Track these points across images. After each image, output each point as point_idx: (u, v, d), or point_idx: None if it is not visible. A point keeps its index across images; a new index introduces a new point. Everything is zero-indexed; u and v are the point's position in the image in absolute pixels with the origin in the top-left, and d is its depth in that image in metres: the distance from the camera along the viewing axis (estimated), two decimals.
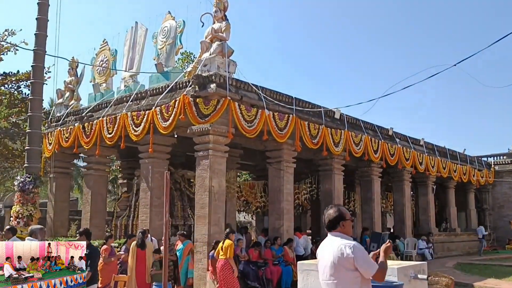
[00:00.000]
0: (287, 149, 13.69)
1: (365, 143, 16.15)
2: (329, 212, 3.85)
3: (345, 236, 3.72)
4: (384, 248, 3.80)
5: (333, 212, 3.82)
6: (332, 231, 3.80)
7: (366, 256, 3.60)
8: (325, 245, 3.81)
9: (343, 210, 3.83)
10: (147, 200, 12.96)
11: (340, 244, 3.61)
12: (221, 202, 11.65)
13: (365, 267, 3.54)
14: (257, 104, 12.56)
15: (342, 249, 3.56)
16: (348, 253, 3.53)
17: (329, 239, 3.80)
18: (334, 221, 3.77)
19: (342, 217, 3.77)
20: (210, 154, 11.55)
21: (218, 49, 12.03)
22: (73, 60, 17.00)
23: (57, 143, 15.52)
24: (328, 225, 3.81)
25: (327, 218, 3.82)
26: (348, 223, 3.78)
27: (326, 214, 3.85)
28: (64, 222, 16.20)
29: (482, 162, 26.70)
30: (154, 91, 13.08)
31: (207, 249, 11.13)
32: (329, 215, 3.82)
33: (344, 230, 3.75)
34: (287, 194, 13.57)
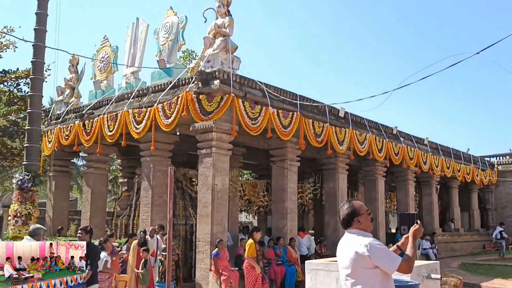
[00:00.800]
0: (291, 148, 13.47)
1: (370, 141, 15.92)
2: (342, 208, 3.58)
3: (362, 232, 3.47)
4: (413, 230, 3.49)
5: (346, 208, 3.54)
6: (348, 228, 3.54)
7: (385, 252, 3.33)
8: (342, 243, 3.57)
9: (357, 204, 3.56)
10: (148, 199, 12.72)
11: (356, 243, 3.37)
12: (224, 201, 11.42)
13: (385, 264, 3.29)
14: (261, 101, 12.32)
15: (357, 248, 3.33)
16: (363, 252, 3.29)
17: (346, 237, 3.56)
18: (348, 218, 3.51)
19: (357, 213, 3.50)
20: (213, 152, 11.32)
21: (221, 45, 11.79)
22: (73, 57, 16.77)
23: (56, 141, 15.29)
24: (343, 222, 3.56)
25: (341, 215, 3.57)
26: (364, 217, 3.51)
27: (340, 211, 3.60)
28: (64, 221, 15.94)
29: (486, 162, 26.49)
30: (156, 87, 12.84)
31: (210, 249, 10.89)
32: (343, 212, 3.55)
33: (361, 226, 3.49)
34: (291, 193, 13.34)
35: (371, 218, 3.59)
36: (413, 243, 3.44)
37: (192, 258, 13.27)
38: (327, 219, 15.44)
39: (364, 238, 3.38)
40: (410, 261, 3.32)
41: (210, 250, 10.85)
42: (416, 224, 3.54)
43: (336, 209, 15.29)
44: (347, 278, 3.39)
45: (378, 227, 17.02)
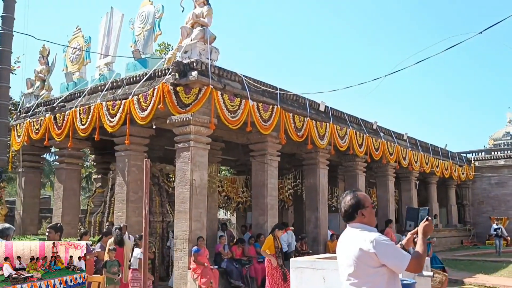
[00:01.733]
0: (271, 142, 13.11)
1: (350, 136, 15.68)
2: (344, 199, 3.19)
3: (366, 227, 3.08)
4: (423, 227, 3.10)
5: (349, 199, 3.15)
6: (350, 222, 3.15)
7: (392, 249, 2.95)
8: (344, 239, 3.19)
9: (362, 195, 3.17)
10: (123, 195, 12.20)
11: (360, 238, 2.99)
12: (202, 196, 10.99)
13: (393, 262, 2.92)
14: (240, 93, 11.93)
15: (361, 244, 2.95)
16: (368, 248, 2.91)
17: (348, 232, 3.17)
18: (351, 210, 3.12)
19: (361, 205, 3.12)
20: (191, 146, 10.87)
21: (199, 35, 11.34)
22: (44, 47, 16.09)
23: (26, 135, 14.59)
24: (345, 215, 3.16)
25: (343, 207, 3.18)
26: (369, 210, 3.13)
27: (342, 202, 3.21)
28: (34, 219, 15.27)
29: (463, 158, 26.65)
30: (131, 79, 12.32)
31: (188, 247, 10.46)
32: (345, 204, 3.17)
33: (365, 220, 3.11)
34: (272, 189, 12.99)
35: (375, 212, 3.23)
36: (423, 240, 3.07)
37: (169, 256, 12.85)
38: (308, 215, 15.15)
39: (369, 233, 3.01)
40: (420, 259, 2.97)
41: (188, 248, 10.42)
42: (427, 219, 3.16)
43: (317, 205, 15.09)
44: (349, 278, 3.01)
45: None
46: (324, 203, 15.20)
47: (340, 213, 3.23)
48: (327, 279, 5.84)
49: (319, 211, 14.78)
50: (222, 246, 11.49)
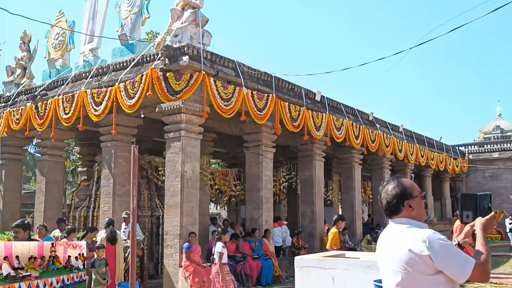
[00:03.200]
0: (266, 132, 12.49)
1: (347, 127, 15.10)
2: (385, 189, 2.53)
3: (415, 222, 2.43)
4: (483, 223, 2.44)
5: (392, 188, 2.49)
6: (394, 217, 2.49)
7: (452, 250, 2.29)
8: (386, 238, 2.52)
9: (408, 183, 2.51)
10: (109, 188, 11.49)
11: (408, 237, 2.33)
12: (194, 189, 10.34)
13: (453, 268, 2.25)
14: (234, 81, 11.27)
15: (411, 245, 2.29)
16: (421, 250, 2.26)
17: (392, 229, 2.50)
18: (396, 202, 2.45)
19: (408, 194, 2.46)
20: (182, 136, 10.20)
21: (191, 17, 10.64)
22: (25, 33, 15.27)
23: (6, 125, 13.77)
24: (388, 208, 2.50)
25: (384, 198, 2.52)
26: (418, 201, 2.47)
27: (382, 192, 2.54)
28: (15, 214, 14.45)
29: (457, 151, 26.27)
30: (117, 65, 11.59)
31: (179, 243, 9.81)
32: (387, 194, 2.51)
33: (413, 214, 2.44)
34: (266, 182, 12.37)
35: (424, 203, 2.57)
36: (484, 239, 2.39)
37: (158, 253, 12.20)
38: (303, 209, 14.56)
39: (420, 230, 2.35)
40: (486, 265, 2.29)
41: (179, 244, 9.77)
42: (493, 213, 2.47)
43: (312, 199, 14.51)
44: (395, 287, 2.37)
45: (354, 217, 16.30)
46: (320, 196, 14.63)
47: (381, 205, 2.56)
48: (337, 279, 5.25)
49: (315, 205, 14.19)
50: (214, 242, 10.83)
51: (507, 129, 38.64)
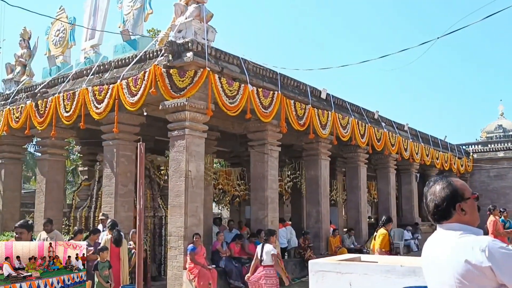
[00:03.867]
0: (271, 131, 12.20)
1: (352, 126, 14.81)
2: (432, 190, 2.19)
3: (469, 228, 2.10)
4: None
5: (441, 189, 2.16)
6: (443, 222, 2.16)
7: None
8: (435, 246, 2.19)
9: (459, 184, 2.18)
10: (111, 188, 11.21)
11: (464, 246, 2.01)
12: (199, 189, 10.06)
13: None
14: (239, 77, 10.99)
15: (468, 255, 1.96)
16: (480, 261, 1.93)
17: (441, 236, 2.17)
18: (446, 205, 2.13)
19: (460, 196, 2.13)
20: (186, 134, 9.91)
21: (195, 12, 10.35)
22: (24, 30, 14.99)
23: (6, 124, 13.50)
24: (436, 213, 2.17)
25: (432, 201, 2.17)
26: (470, 204, 2.14)
27: (429, 194, 2.19)
28: (15, 214, 14.21)
29: (461, 150, 25.97)
30: (119, 62, 11.31)
31: (184, 244, 9.53)
32: (435, 195, 2.17)
33: (466, 219, 2.12)
34: (272, 181, 12.08)
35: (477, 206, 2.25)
36: None
37: (161, 254, 11.93)
38: (309, 209, 14.28)
39: (476, 237, 2.03)
40: None
41: (184, 246, 9.49)
42: None
43: (318, 199, 14.23)
44: None
45: (360, 217, 16.03)
46: (326, 196, 14.35)
47: (427, 210, 2.23)
48: (355, 284, 4.96)
49: (320, 205, 13.91)
50: (220, 244, 10.58)
51: (510, 128, 38.42)
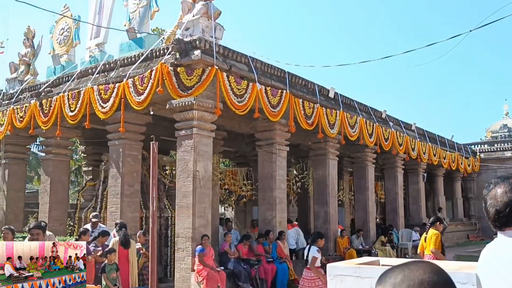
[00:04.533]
0: (279, 130, 12.01)
1: (360, 125, 14.61)
2: (493, 194, 1.86)
3: None
4: None
5: (502, 193, 1.82)
6: (505, 230, 1.84)
7: None
8: (499, 256, 1.87)
9: None
10: (117, 188, 11.03)
11: None
12: (207, 190, 9.86)
13: None
14: (247, 76, 10.80)
15: None
16: None
17: (504, 244, 1.86)
18: (509, 211, 1.79)
19: None
20: (194, 133, 9.72)
21: (202, 9, 10.16)
22: (29, 29, 14.82)
23: (10, 123, 13.32)
24: (496, 220, 1.84)
25: (492, 206, 1.85)
26: None
27: (489, 199, 1.88)
28: (19, 214, 14.05)
29: (468, 150, 25.72)
30: (125, 60, 11.13)
31: (191, 246, 9.34)
32: (496, 201, 1.84)
33: None
34: (280, 181, 11.88)
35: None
36: None
37: (167, 256, 11.72)
38: (316, 209, 14.07)
39: None
40: None
41: (191, 247, 9.30)
42: None
43: (326, 199, 14.02)
44: None
45: (368, 218, 15.83)
46: (334, 196, 14.16)
47: (487, 215, 1.97)
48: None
49: (328, 205, 13.71)
50: (228, 245, 10.39)
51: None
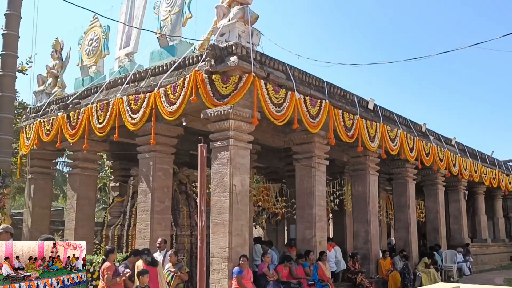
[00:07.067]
0: (318, 143, 11.27)
1: (401, 139, 13.75)
2: None
3: None
4: None
5: None
6: None
7: None
8: None
9: None
10: (147, 204, 10.37)
11: None
12: (244, 206, 9.12)
13: None
14: (285, 84, 10.12)
15: None
16: None
17: None
18: None
19: None
20: (231, 144, 9.04)
21: (238, 14, 9.53)
22: (57, 41, 14.49)
23: (36, 137, 12.90)
24: None
25: None
26: None
27: None
28: (44, 232, 13.40)
29: (509, 167, 24.42)
30: (156, 69, 10.59)
31: (228, 267, 8.57)
32: None
33: None
34: (319, 197, 11.08)
35: None
36: None
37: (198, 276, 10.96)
38: (356, 228, 13.16)
39: None
40: None
41: (228, 268, 8.54)
42: None
43: (367, 217, 13.12)
44: None
45: (410, 238, 14.82)
46: (375, 214, 13.26)
47: None
48: None
49: (369, 224, 12.81)
50: (266, 266, 9.58)
51: None
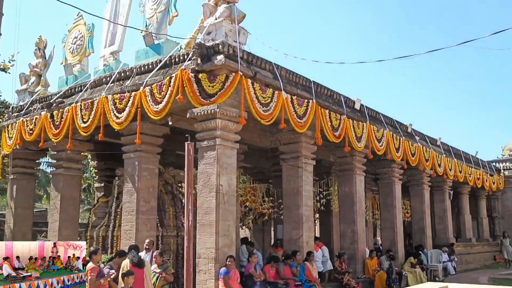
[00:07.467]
0: (305, 142, 11.26)
1: (387, 139, 13.80)
2: None
3: None
4: None
5: None
6: None
7: None
8: None
9: None
10: (132, 204, 10.24)
11: None
12: (231, 206, 9.05)
13: None
14: (272, 84, 10.06)
15: None
16: None
17: None
18: None
19: None
20: (217, 144, 8.96)
21: (225, 12, 9.46)
22: (40, 39, 14.26)
23: (19, 136, 12.67)
24: None
25: None
26: None
27: None
28: (27, 233, 13.26)
29: (492, 167, 24.70)
30: (142, 68, 10.47)
31: (215, 267, 8.49)
32: None
33: None
34: (307, 198, 11.06)
35: None
36: None
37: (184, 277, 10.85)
38: (343, 228, 13.16)
39: None
40: None
41: (214, 269, 8.45)
42: None
43: (353, 217, 13.13)
44: None
45: (396, 238, 14.88)
46: (362, 214, 13.28)
47: None
48: None
49: (356, 224, 12.82)
50: (253, 267, 9.51)
51: None
